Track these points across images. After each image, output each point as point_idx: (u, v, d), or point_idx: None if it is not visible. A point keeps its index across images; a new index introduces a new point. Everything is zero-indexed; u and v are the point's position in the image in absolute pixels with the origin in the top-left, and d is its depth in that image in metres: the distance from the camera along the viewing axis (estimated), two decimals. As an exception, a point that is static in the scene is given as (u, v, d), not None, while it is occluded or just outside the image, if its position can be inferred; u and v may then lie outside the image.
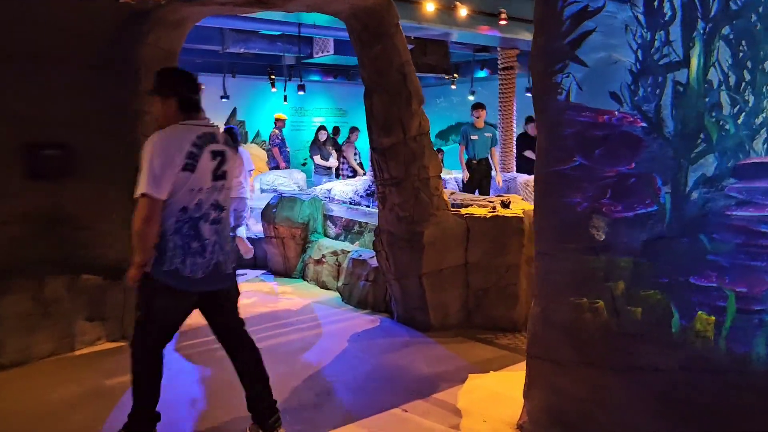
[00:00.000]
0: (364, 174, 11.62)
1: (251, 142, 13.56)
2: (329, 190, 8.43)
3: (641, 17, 2.75)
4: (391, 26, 4.53)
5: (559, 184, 3.04)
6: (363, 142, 11.20)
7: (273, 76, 11.98)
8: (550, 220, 3.10)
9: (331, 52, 11.02)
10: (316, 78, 13.42)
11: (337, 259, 6.25)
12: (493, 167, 8.09)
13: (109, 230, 4.66)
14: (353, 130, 11.24)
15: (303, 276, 6.77)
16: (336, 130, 11.92)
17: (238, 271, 7.45)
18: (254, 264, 7.34)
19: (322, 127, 10.81)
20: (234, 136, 6.52)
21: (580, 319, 2.97)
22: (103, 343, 4.64)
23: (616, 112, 2.82)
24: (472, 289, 4.98)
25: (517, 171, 9.22)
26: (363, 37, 4.60)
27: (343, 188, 8.22)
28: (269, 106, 13.54)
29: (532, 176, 8.79)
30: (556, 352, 3.10)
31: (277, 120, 11.59)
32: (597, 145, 2.90)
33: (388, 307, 5.41)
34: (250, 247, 6.98)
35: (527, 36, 8.21)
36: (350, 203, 7.74)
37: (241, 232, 7.11)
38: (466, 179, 8.06)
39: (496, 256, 4.90)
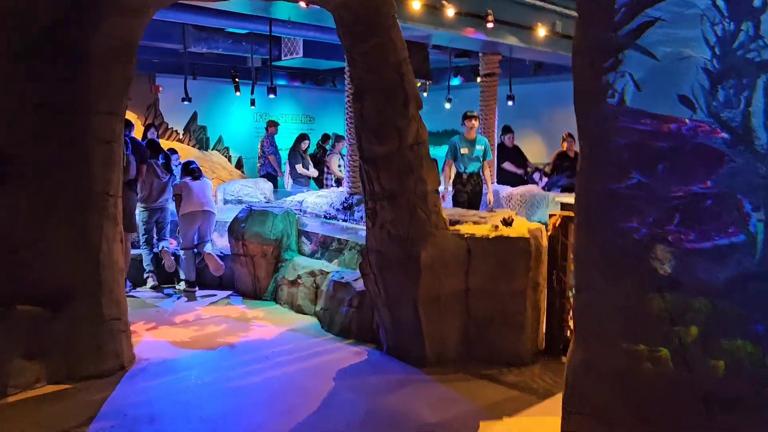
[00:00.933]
0: None
1: (212, 149, 12.79)
2: (300, 202, 7.80)
3: (722, 4, 2.25)
4: (388, 17, 3.97)
5: (609, 205, 2.52)
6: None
7: (237, 79, 11.27)
8: (597, 247, 2.57)
9: (300, 54, 10.40)
10: (282, 82, 12.76)
11: (314, 281, 5.63)
12: (484, 183, 7.41)
13: (49, 250, 3.94)
14: (339, 138, 10.64)
15: (275, 298, 6.12)
16: (325, 138, 11.28)
17: (203, 292, 6.78)
18: (220, 283, 6.65)
19: (304, 135, 10.18)
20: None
21: (637, 370, 2.45)
22: (43, 386, 3.91)
23: (687, 120, 2.32)
24: (473, 317, 4.42)
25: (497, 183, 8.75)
26: (355, 30, 4.03)
27: (316, 200, 7.59)
28: (233, 111, 12.81)
29: (516, 189, 8.36)
30: (604, 409, 2.57)
31: (270, 125, 10.89)
32: (661, 159, 2.38)
33: (375, 337, 4.81)
34: (221, 263, 6.31)
35: (513, 40, 7.77)
36: (325, 217, 7.12)
37: (208, 248, 6.43)
38: (445, 196, 7.38)
39: (500, 281, 4.37)
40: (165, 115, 11.96)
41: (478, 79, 8.86)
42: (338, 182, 10.43)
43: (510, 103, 9.80)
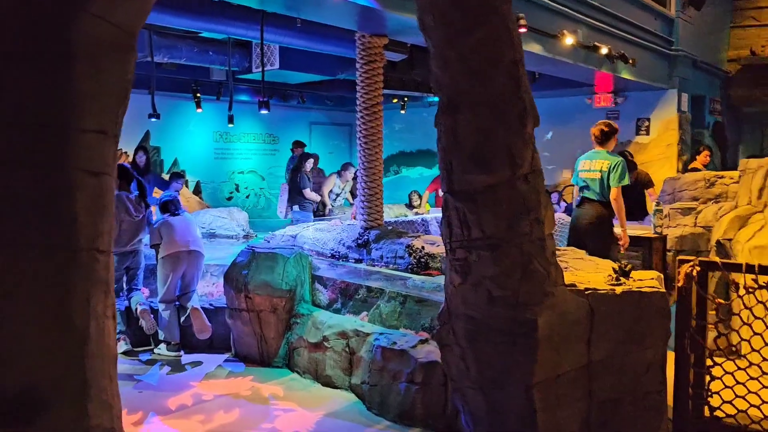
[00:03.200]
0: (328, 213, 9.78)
1: (166, 173, 11.29)
2: (293, 237, 6.55)
3: None
4: (503, 1, 2.89)
5: None
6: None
7: (199, 94, 9.94)
8: None
9: (277, 65, 9.16)
10: (245, 98, 11.44)
11: (347, 345, 4.42)
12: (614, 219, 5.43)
13: (15, 336, 2.60)
14: (346, 166, 9.51)
15: (289, 365, 4.85)
16: (298, 145, 10.11)
17: (191, 357, 5.34)
18: (210, 344, 5.32)
19: (307, 154, 8.91)
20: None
21: None
22: None
23: None
24: (596, 400, 3.34)
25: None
26: (452, 18, 2.92)
27: (317, 235, 6.36)
28: (190, 130, 11.37)
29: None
30: None
31: (298, 147, 9.81)
32: None
33: (452, 425, 3.66)
34: (209, 324, 5.00)
35: (538, 49, 6.86)
36: (332, 256, 5.91)
37: (195, 301, 5.11)
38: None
39: (631, 351, 3.32)
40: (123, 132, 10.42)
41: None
42: (322, 209, 9.23)
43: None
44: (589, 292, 3.33)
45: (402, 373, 3.91)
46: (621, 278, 3.50)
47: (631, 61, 8.17)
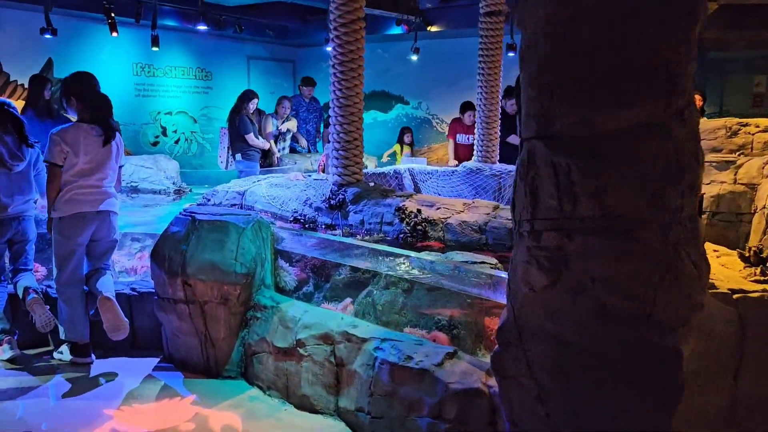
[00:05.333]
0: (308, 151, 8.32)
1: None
2: (241, 194, 5.14)
3: None
4: None
5: None
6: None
7: (113, 14, 8.09)
8: None
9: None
10: (171, 23, 9.58)
11: (333, 353, 3.12)
12: None
13: None
14: (281, 101, 7.94)
15: (246, 375, 3.53)
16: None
17: (106, 364, 3.54)
18: (133, 343, 3.92)
19: (251, 93, 7.28)
20: None
21: None
22: None
23: None
24: (738, 457, 2.23)
25: (500, 161, 6.58)
26: None
27: (271, 192, 4.97)
28: (103, 59, 9.46)
29: None
30: None
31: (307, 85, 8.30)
32: None
33: (505, 486, 2.48)
34: (124, 319, 3.60)
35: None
36: (296, 219, 4.55)
37: (108, 284, 3.69)
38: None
39: (791, 383, 2.20)
40: (3, 63, 8.44)
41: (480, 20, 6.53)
42: (269, 159, 7.76)
43: (511, 54, 7.59)
44: (738, 296, 2.16)
45: (422, 404, 2.67)
46: (765, 270, 2.35)
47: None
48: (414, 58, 8.83)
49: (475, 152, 6.39)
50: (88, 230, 3.65)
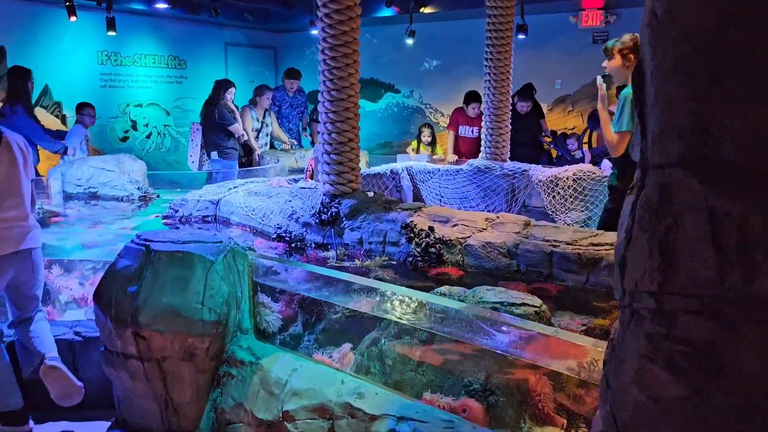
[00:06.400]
0: (292, 147, 7.52)
1: (36, 106, 8.52)
2: (215, 204, 4.38)
3: None
4: None
5: None
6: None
7: (71, -4, 7.20)
8: None
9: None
10: (138, 6, 8.68)
11: (332, 429, 2.37)
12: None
13: None
14: (261, 90, 7.12)
15: (219, 449, 2.77)
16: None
17: (43, 429, 2.76)
18: (80, 405, 3.13)
19: (227, 82, 6.50)
20: None
21: None
22: None
23: None
24: None
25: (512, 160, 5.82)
26: None
27: (250, 201, 4.19)
28: (64, 48, 8.55)
29: (567, 169, 5.51)
30: None
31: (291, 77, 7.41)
32: None
33: None
34: (78, 384, 2.82)
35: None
36: (280, 237, 3.78)
37: (46, 339, 2.90)
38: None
39: None
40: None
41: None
42: (248, 156, 6.96)
43: (521, 36, 6.80)
44: None
45: None
46: None
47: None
48: (410, 42, 8.02)
49: (482, 148, 5.64)
50: (5, 278, 2.86)
